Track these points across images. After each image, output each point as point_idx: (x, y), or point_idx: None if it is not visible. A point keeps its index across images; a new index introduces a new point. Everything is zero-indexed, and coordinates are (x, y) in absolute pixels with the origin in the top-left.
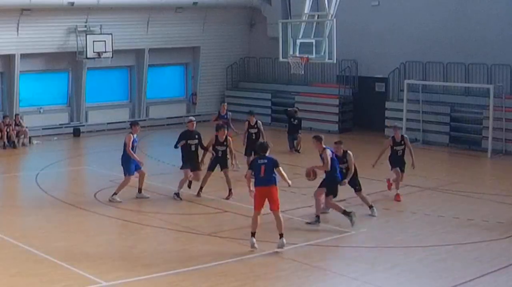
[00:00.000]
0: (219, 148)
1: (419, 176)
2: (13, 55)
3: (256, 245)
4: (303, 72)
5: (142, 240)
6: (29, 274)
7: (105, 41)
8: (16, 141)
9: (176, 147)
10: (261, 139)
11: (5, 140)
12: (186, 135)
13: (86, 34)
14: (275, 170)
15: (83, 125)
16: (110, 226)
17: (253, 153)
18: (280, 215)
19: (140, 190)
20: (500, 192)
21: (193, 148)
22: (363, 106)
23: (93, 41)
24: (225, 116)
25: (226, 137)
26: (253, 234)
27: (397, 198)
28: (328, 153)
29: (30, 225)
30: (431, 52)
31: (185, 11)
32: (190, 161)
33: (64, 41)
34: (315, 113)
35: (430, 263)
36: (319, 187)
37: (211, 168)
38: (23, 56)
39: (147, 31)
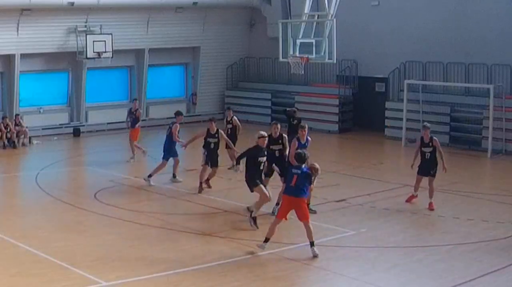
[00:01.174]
0: (211, 140)
1: None
2: (13, 55)
3: (265, 249)
4: (303, 72)
5: (142, 240)
6: (29, 274)
7: (105, 41)
8: (16, 141)
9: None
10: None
11: (5, 140)
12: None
13: (86, 34)
14: (307, 185)
15: (83, 125)
16: (110, 226)
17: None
18: (310, 225)
19: (174, 175)
20: (500, 192)
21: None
22: (363, 106)
23: (93, 41)
24: (134, 112)
25: (217, 129)
26: (267, 240)
27: (430, 206)
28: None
29: (30, 225)
30: (431, 52)
31: (185, 11)
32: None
33: (64, 41)
34: (315, 113)
35: (430, 263)
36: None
37: (206, 162)
38: (23, 56)
39: (147, 31)
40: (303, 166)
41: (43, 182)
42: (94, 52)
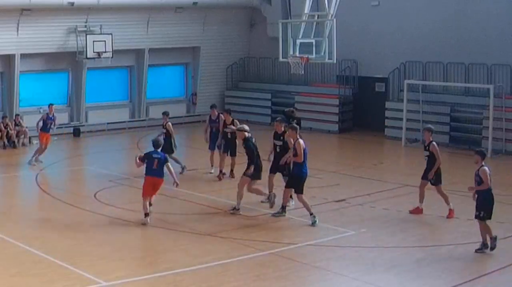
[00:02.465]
0: (227, 129)
1: (419, 176)
2: (13, 55)
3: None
4: (303, 72)
5: (142, 240)
6: (29, 274)
7: (105, 41)
8: (16, 141)
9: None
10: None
11: (5, 140)
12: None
13: (86, 34)
14: (164, 165)
15: (83, 125)
16: (110, 226)
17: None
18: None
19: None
20: (500, 192)
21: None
22: (363, 106)
23: (93, 41)
24: (51, 118)
25: (232, 119)
26: (147, 215)
27: (449, 214)
28: (302, 143)
29: (30, 225)
30: (431, 52)
31: (185, 11)
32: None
33: (64, 41)
34: (315, 113)
35: (430, 263)
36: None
37: (225, 150)
38: (23, 56)
39: (147, 31)
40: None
41: (43, 182)
42: (94, 52)
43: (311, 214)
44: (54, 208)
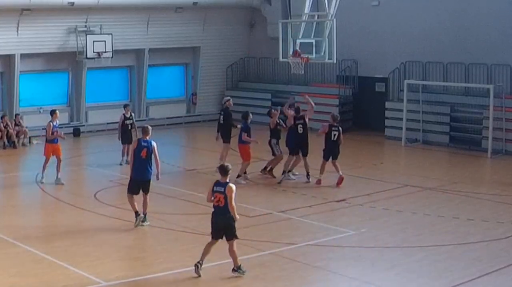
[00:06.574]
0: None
1: (419, 176)
2: (13, 55)
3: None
4: (303, 72)
5: (142, 240)
6: (29, 274)
7: (105, 41)
8: (16, 141)
9: None
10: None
11: (5, 140)
12: None
13: (86, 34)
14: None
15: (83, 125)
16: (110, 226)
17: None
18: None
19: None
20: (500, 192)
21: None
22: (363, 106)
23: (93, 41)
24: (57, 126)
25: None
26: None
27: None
28: (134, 146)
29: (30, 225)
30: (431, 52)
31: (185, 11)
32: None
33: (64, 41)
34: (315, 113)
35: (430, 263)
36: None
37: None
38: (23, 56)
39: (147, 31)
40: None
41: (43, 182)
42: (94, 52)
43: (136, 214)
44: (54, 208)
